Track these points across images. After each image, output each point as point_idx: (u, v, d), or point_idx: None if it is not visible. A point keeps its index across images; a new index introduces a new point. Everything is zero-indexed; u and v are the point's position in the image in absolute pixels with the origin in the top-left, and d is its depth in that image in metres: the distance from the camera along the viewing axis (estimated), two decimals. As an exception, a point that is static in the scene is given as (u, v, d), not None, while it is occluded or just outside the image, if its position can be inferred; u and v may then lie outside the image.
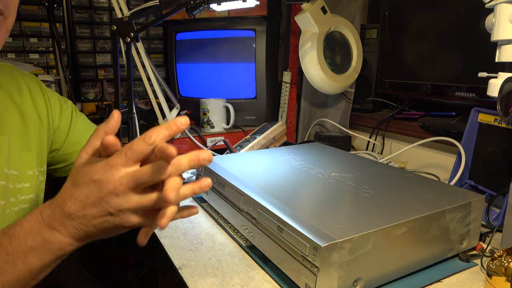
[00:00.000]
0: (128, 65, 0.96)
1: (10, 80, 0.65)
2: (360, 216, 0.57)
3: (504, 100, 0.58)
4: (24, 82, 0.67)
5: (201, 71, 1.38)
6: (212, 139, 1.24)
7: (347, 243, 0.49)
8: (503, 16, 0.57)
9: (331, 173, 0.76)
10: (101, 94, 1.40)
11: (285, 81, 1.35)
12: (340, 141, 1.28)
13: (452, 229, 0.60)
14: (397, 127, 1.21)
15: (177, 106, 1.14)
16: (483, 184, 0.85)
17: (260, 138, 1.12)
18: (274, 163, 0.84)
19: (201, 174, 0.85)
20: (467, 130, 0.88)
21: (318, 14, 1.04)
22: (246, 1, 0.92)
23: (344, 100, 1.38)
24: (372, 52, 1.31)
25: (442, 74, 1.04)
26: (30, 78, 0.69)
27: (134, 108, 1.02)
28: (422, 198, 0.63)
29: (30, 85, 0.68)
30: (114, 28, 0.95)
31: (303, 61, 1.09)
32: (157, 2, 0.97)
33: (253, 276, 0.58)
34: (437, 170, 1.11)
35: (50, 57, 1.29)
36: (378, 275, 0.54)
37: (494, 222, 0.75)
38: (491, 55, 0.62)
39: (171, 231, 0.73)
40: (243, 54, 1.31)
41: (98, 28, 1.37)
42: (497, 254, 0.54)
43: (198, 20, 1.31)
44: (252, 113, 1.34)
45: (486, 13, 0.63)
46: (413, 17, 1.13)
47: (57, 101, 0.74)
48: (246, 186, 0.68)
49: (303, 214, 0.56)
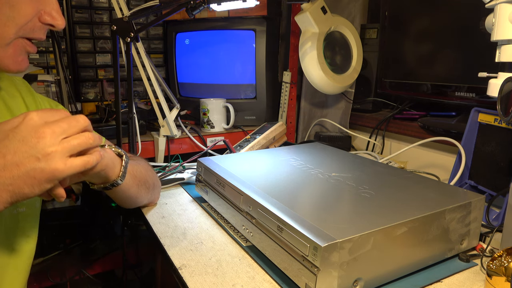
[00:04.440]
0: (128, 65, 0.96)
1: (2, 85, 0.64)
2: (360, 216, 0.57)
3: (504, 100, 0.58)
4: (14, 86, 0.66)
5: (201, 71, 1.38)
6: (212, 139, 1.24)
7: (347, 243, 0.49)
8: (503, 16, 0.57)
9: (331, 173, 0.76)
10: (101, 94, 1.40)
11: (285, 81, 1.35)
12: (340, 141, 1.28)
13: (452, 229, 0.60)
14: (397, 127, 1.21)
15: (177, 106, 1.14)
16: (483, 184, 0.85)
17: (260, 138, 1.12)
18: (274, 163, 0.84)
19: (201, 174, 0.85)
20: (467, 130, 0.88)
21: (318, 14, 1.04)
22: (246, 1, 0.92)
23: (344, 100, 1.38)
24: (372, 52, 1.31)
25: (442, 74, 1.04)
26: (20, 82, 0.68)
27: (134, 108, 1.02)
28: (422, 198, 0.63)
29: (20, 89, 0.67)
30: (114, 28, 0.95)
31: (303, 61, 1.09)
32: (157, 2, 0.97)
33: (253, 276, 0.58)
34: (437, 170, 1.11)
35: (50, 57, 1.29)
36: (378, 275, 0.54)
37: (494, 222, 0.75)
38: (491, 55, 0.62)
39: (171, 231, 0.73)
40: (243, 54, 1.31)
41: (98, 28, 1.37)
42: (497, 254, 0.54)
43: (198, 20, 1.31)
44: (252, 113, 1.34)
45: (486, 13, 0.63)
46: (413, 17, 1.13)
47: (48, 106, 0.72)
48: (246, 186, 0.68)
49: (303, 214, 0.56)
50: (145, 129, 1.23)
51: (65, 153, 0.44)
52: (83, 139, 0.46)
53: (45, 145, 0.43)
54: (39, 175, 0.43)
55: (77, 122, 0.46)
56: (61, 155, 0.44)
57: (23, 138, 0.43)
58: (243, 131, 1.29)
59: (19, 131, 0.43)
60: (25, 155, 0.43)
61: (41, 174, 0.43)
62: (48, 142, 0.43)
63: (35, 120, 0.44)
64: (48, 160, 0.43)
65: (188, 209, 0.84)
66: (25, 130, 0.43)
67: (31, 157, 0.43)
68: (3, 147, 0.43)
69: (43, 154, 0.43)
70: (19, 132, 0.43)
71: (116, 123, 0.98)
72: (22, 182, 0.43)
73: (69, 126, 0.45)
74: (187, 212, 0.82)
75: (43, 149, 0.43)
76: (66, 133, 0.45)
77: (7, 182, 0.42)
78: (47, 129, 0.44)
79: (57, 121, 0.45)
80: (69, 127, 0.45)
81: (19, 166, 0.42)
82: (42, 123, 0.44)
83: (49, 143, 0.43)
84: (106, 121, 1.20)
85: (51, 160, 0.43)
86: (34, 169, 0.43)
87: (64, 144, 0.44)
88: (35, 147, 0.43)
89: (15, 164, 0.42)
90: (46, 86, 1.05)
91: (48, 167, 0.43)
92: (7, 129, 0.44)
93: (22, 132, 0.43)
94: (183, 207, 0.85)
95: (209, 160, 0.86)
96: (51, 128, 0.44)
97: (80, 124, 0.47)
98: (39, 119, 0.44)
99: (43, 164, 0.43)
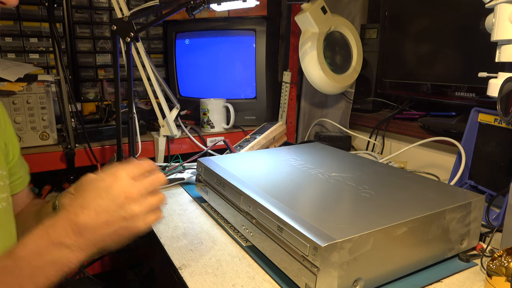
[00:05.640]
0: (128, 65, 0.96)
1: None
2: (360, 216, 0.57)
3: (504, 100, 0.58)
4: None
5: (201, 71, 1.38)
6: (212, 139, 1.24)
7: (347, 243, 0.49)
8: (503, 16, 0.57)
9: (331, 173, 0.76)
10: (101, 94, 1.40)
11: (285, 81, 1.35)
12: (340, 141, 1.28)
13: (452, 229, 0.60)
14: (397, 127, 1.21)
15: (177, 106, 1.14)
16: (483, 184, 0.85)
17: (260, 138, 1.12)
18: (274, 163, 0.84)
19: (201, 174, 0.85)
20: (467, 130, 0.88)
21: (318, 14, 1.04)
22: (246, 1, 0.91)
23: (344, 100, 1.38)
24: (372, 52, 1.31)
25: (442, 74, 1.04)
26: None
27: (134, 108, 1.02)
28: (422, 198, 0.63)
29: None
30: (114, 28, 0.95)
31: (303, 61, 1.09)
32: (157, 2, 0.97)
33: (253, 276, 0.58)
34: (437, 170, 1.11)
35: (50, 57, 1.29)
36: (378, 275, 0.54)
37: (494, 222, 0.75)
38: (491, 55, 0.62)
39: (171, 231, 0.73)
40: (243, 54, 1.31)
41: (98, 28, 1.37)
42: (497, 254, 0.54)
43: (198, 20, 1.31)
44: (252, 113, 1.34)
45: (486, 13, 0.63)
46: (413, 17, 1.13)
47: None
48: (246, 186, 0.68)
49: (303, 214, 0.56)
50: (145, 129, 1.23)
51: (146, 213, 0.49)
52: (161, 200, 0.52)
53: (133, 206, 0.48)
54: (124, 233, 0.48)
55: (158, 182, 0.52)
56: (143, 215, 0.49)
57: (114, 198, 0.47)
58: (243, 131, 1.29)
59: (111, 191, 0.48)
60: (115, 214, 0.47)
61: (125, 232, 0.48)
62: (135, 203, 0.48)
63: (124, 180, 0.49)
64: (133, 220, 0.48)
65: (188, 209, 0.84)
66: (116, 190, 0.48)
67: (120, 217, 0.47)
68: (97, 205, 0.47)
69: (130, 215, 0.48)
70: (111, 192, 0.48)
71: (116, 123, 0.98)
72: (109, 239, 0.47)
73: (151, 186, 0.51)
74: (187, 212, 0.82)
75: (131, 209, 0.48)
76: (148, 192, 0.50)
77: (99, 239, 0.47)
78: (134, 190, 0.49)
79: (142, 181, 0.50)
80: (151, 186, 0.51)
81: (110, 225, 0.47)
82: (130, 182, 0.49)
83: (135, 204, 0.48)
84: (106, 121, 1.20)
85: (135, 220, 0.48)
86: (121, 227, 0.47)
87: (146, 205, 0.49)
88: (123, 207, 0.47)
89: (107, 223, 0.47)
90: (46, 86, 1.05)
91: (132, 226, 0.48)
92: (100, 188, 0.48)
93: (114, 191, 0.48)
94: (183, 207, 0.85)
95: (209, 160, 0.86)
96: (137, 189, 0.49)
97: (161, 182, 0.52)
98: (127, 178, 0.49)
99: (128, 223, 0.48)
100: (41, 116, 1.05)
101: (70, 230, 0.45)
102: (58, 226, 0.46)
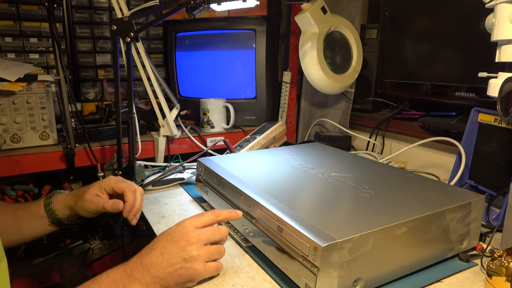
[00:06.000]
0: (128, 65, 0.96)
1: None
2: (360, 216, 0.57)
3: (504, 100, 0.58)
4: None
5: (201, 71, 1.38)
6: (212, 139, 1.24)
7: (347, 243, 0.49)
8: (503, 16, 0.57)
9: (331, 173, 0.76)
10: (101, 94, 1.40)
11: (285, 81, 1.35)
12: (340, 141, 1.28)
13: (452, 229, 0.60)
14: (397, 127, 1.21)
15: (177, 106, 1.14)
16: (483, 184, 0.85)
17: (260, 138, 1.12)
18: (274, 163, 0.84)
19: (201, 174, 0.85)
20: (467, 130, 0.88)
21: (318, 14, 1.04)
22: (246, 1, 0.91)
23: (344, 100, 1.38)
24: (372, 52, 1.31)
25: (442, 74, 1.04)
26: None
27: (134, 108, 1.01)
28: (422, 198, 0.63)
29: None
30: (114, 28, 0.95)
31: (303, 61, 1.09)
32: (157, 2, 0.96)
33: (253, 276, 0.58)
34: (437, 170, 1.11)
35: (50, 57, 1.29)
36: (378, 275, 0.54)
37: (494, 222, 0.75)
38: (491, 55, 0.62)
39: (171, 231, 0.73)
40: (243, 54, 1.31)
41: (98, 28, 1.37)
42: (497, 254, 0.54)
43: (198, 20, 1.31)
44: (252, 113, 1.34)
45: (486, 13, 0.63)
46: (413, 17, 1.13)
47: None
48: (246, 186, 0.68)
49: (303, 214, 0.56)
50: (145, 129, 1.23)
51: (205, 258, 0.55)
52: (220, 252, 0.57)
53: (192, 248, 0.54)
54: (184, 274, 0.53)
55: (219, 232, 0.58)
56: (202, 259, 0.54)
57: (177, 241, 0.54)
58: (243, 131, 1.29)
59: (175, 235, 0.55)
60: (176, 256, 0.53)
61: (185, 273, 0.53)
62: (194, 246, 0.54)
63: (187, 227, 0.56)
64: (192, 261, 0.53)
65: (188, 209, 0.84)
66: (179, 235, 0.55)
67: (180, 258, 0.53)
68: (162, 247, 0.54)
69: (189, 256, 0.53)
70: (175, 236, 0.55)
71: (116, 123, 0.98)
72: (171, 278, 0.53)
73: (213, 234, 0.57)
74: (187, 212, 0.82)
75: (190, 251, 0.53)
76: (209, 240, 0.56)
77: (162, 276, 0.52)
78: (194, 235, 0.55)
79: (204, 230, 0.57)
80: (212, 235, 0.57)
81: (171, 265, 0.53)
82: (192, 229, 0.56)
83: (194, 247, 0.54)
84: (106, 121, 1.20)
85: (194, 261, 0.53)
86: (181, 268, 0.53)
87: (205, 250, 0.55)
88: (184, 249, 0.54)
89: (169, 262, 0.53)
90: (46, 86, 1.05)
91: (191, 267, 0.53)
92: (168, 234, 0.56)
93: (177, 235, 0.55)
94: (183, 207, 0.85)
95: (209, 160, 0.86)
96: (198, 234, 0.55)
97: (221, 234, 0.58)
98: (190, 226, 0.57)
99: (188, 264, 0.53)
100: (41, 116, 1.05)
101: (140, 265, 0.53)
102: (131, 262, 0.54)
